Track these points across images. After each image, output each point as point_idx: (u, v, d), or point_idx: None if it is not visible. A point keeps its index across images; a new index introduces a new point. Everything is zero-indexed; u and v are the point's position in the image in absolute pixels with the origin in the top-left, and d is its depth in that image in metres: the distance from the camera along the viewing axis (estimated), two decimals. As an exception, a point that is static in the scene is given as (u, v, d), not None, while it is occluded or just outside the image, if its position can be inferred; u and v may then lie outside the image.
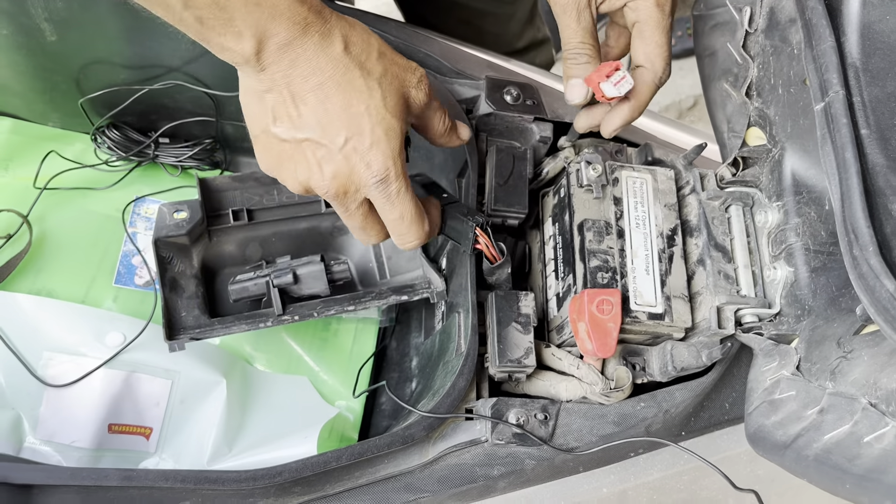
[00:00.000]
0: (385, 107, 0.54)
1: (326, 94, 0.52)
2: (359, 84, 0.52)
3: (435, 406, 0.62)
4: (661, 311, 0.65)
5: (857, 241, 0.43)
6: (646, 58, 0.63)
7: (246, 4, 0.47)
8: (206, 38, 0.50)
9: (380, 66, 0.54)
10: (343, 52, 0.52)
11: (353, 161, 0.54)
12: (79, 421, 0.73)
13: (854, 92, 0.47)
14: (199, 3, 0.47)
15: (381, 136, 0.53)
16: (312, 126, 0.53)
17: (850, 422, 0.46)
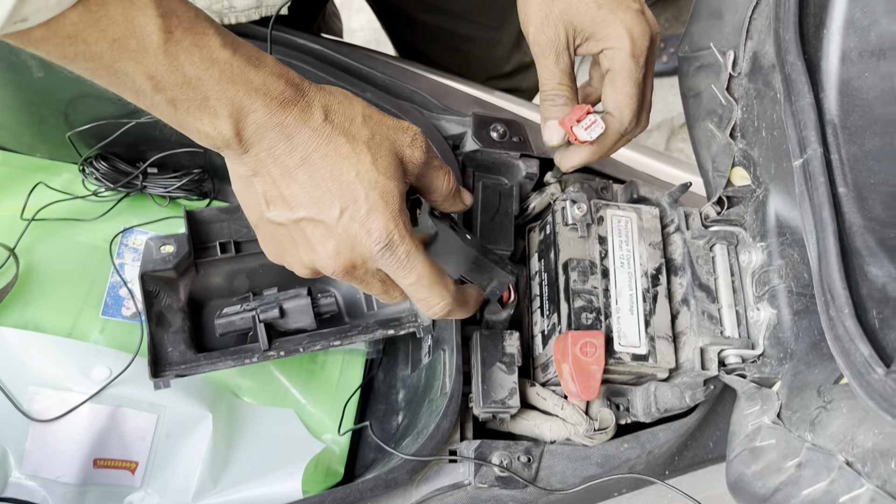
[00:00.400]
0: (376, 169, 0.51)
1: (314, 168, 0.50)
2: (345, 150, 0.51)
3: (419, 448, 0.62)
4: (645, 353, 0.65)
5: (834, 301, 0.44)
6: (615, 106, 0.62)
7: (219, 82, 0.46)
8: (182, 123, 0.48)
9: (366, 130, 0.52)
10: (324, 122, 0.51)
11: (353, 231, 0.51)
12: (64, 456, 0.73)
13: (832, 149, 0.47)
14: (168, 84, 0.45)
15: (377, 199, 0.51)
16: (305, 203, 0.51)
17: (826, 479, 0.46)
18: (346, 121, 0.52)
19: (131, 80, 0.45)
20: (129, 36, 0.43)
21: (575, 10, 0.59)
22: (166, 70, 0.45)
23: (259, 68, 0.48)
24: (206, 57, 0.46)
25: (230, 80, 0.47)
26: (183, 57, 0.45)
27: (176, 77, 0.45)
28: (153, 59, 0.44)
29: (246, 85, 0.47)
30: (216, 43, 0.46)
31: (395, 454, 0.63)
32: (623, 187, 0.75)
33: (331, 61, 0.75)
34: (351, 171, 0.51)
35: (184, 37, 0.45)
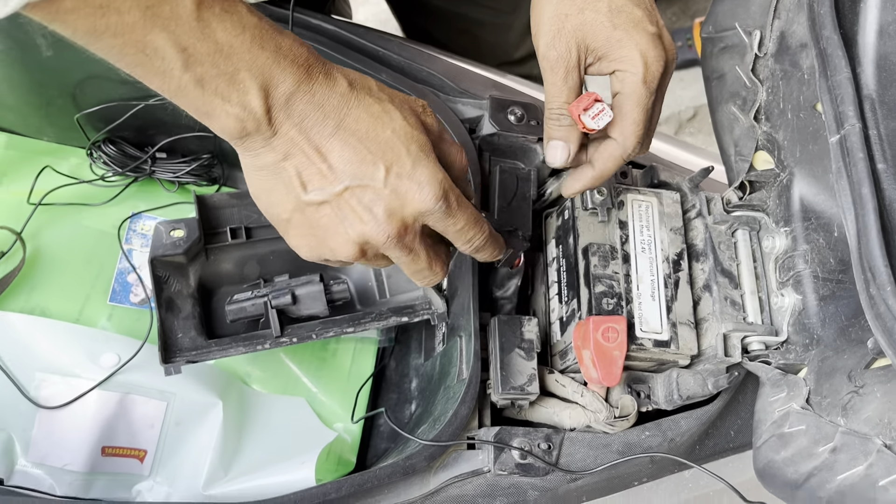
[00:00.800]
0: (409, 124, 0.51)
1: (349, 132, 0.49)
2: (376, 110, 0.50)
3: (437, 434, 0.61)
4: (667, 339, 0.64)
5: (875, 280, 0.42)
6: (620, 133, 0.58)
7: (250, 48, 0.45)
8: (208, 108, 0.46)
9: (385, 94, 0.52)
10: (349, 87, 0.49)
11: (403, 188, 0.50)
12: (72, 443, 0.71)
13: (870, 125, 0.46)
14: (200, 55, 0.43)
15: (418, 152, 0.50)
16: (347, 171, 0.49)
17: (864, 463, 0.45)
18: (366, 86, 0.51)
19: (160, 56, 0.43)
20: (163, 1, 0.41)
21: (589, 27, 0.56)
22: (198, 38, 0.43)
23: (284, 34, 0.47)
24: (238, 22, 0.44)
25: (260, 46, 0.45)
26: (215, 23, 0.43)
27: (208, 45, 0.43)
28: (186, 26, 0.42)
29: (276, 50, 0.46)
30: (244, 9, 0.45)
31: (412, 440, 0.62)
32: (643, 172, 0.73)
33: (346, 42, 0.73)
34: (386, 128, 0.49)
35: (215, 2, 0.43)
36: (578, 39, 0.56)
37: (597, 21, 0.56)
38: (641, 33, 0.56)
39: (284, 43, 0.47)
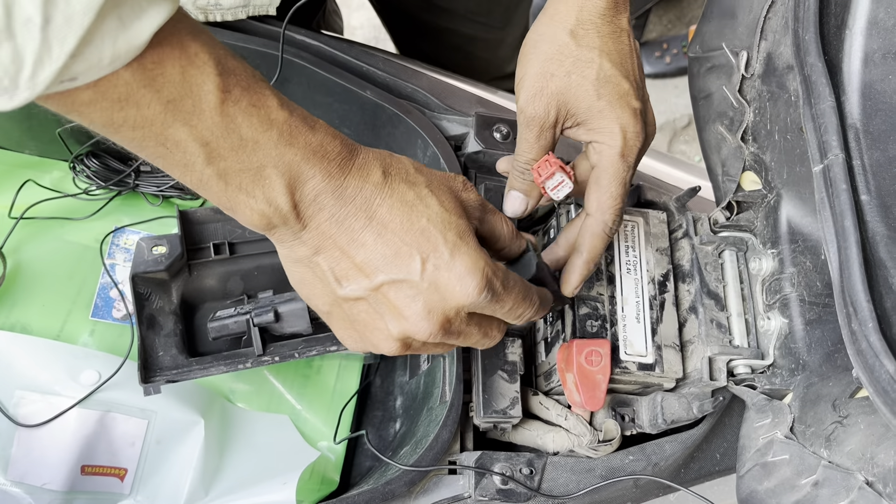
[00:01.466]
0: (446, 209, 0.48)
1: (382, 224, 0.46)
2: (410, 198, 0.47)
3: (417, 458, 0.60)
4: (652, 362, 0.63)
5: (857, 315, 0.42)
6: (597, 207, 0.57)
7: (277, 145, 0.42)
8: (233, 202, 0.44)
9: (422, 177, 0.49)
10: (383, 176, 0.47)
11: (442, 280, 0.47)
12: (51, 462, 0.71)
13: (854, 155, 0.45)
14: (223, 150, 0.42)
15: (457, 239, 0.47)
16: (382, 265, 0.46)
17: (845, 499, 0.44)
18: (402, 172, 0.48)
19: (181, 150, 0.41)
20: (185, 96, 0.40)
21: (573, 92, 0.55)
22: (222, 133, 0.41)
23: (315, 129, 0.45)
24: (265, 118, 0.42)
25: (288, 143, 0.43)
26: (241, 118, 0.42)
27: (232, 141, 0.42)
28: (209, 121, 0.41)
29: (305, 147, 0.44)
30: (274, 103, 0.43)
31: (392, 465, 0.61)
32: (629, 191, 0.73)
33: (330, 58, 0.72)
34: (422, 217, 0.47)
35: (242, 97, 0.41)
36: (560, 102, 0.55)
37: (582, 87, 0.55)
38: (625, 107, 0.55)
39: (315, 138, 0.44)
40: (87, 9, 0.33)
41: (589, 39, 0.54)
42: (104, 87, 0.37)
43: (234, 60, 0.42)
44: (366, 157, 0.47)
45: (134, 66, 0.37)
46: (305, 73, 0.71)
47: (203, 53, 0.40)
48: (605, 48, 0.54)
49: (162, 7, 0.37)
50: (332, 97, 0.73)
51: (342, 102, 0.73)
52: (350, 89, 0.70)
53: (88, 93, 0.37)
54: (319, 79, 0.70)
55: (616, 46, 0.55)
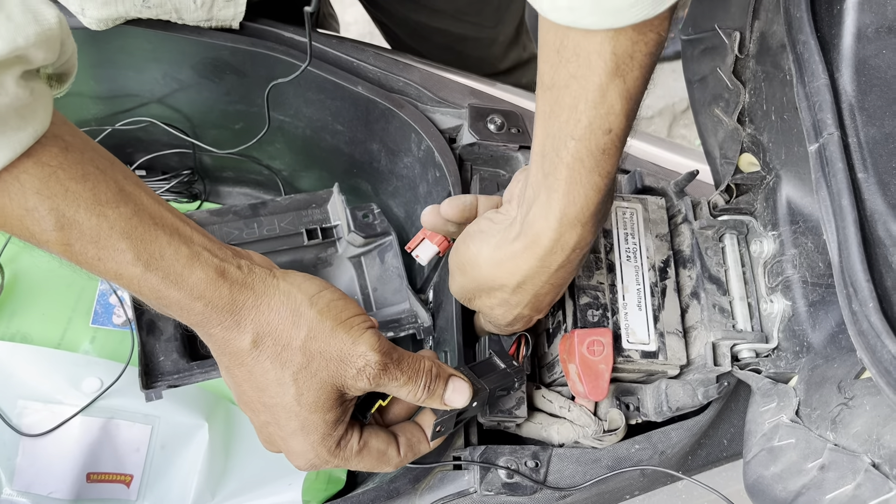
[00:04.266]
0: (298, 403, 0.49)
1: (238, 381, 0.50)
2: (269, 379, 0.49)
3: (421, 456, 0.59)
4: (655, 349, 0.62)
5: (857, 295, 0.41)
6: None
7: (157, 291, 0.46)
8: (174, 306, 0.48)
9: (299, 357, 0.48)
10: (251, 347, 0.48)
11: (280, 444, 0.52)
12: (56, 471, 0.71)
13: (850, 132, 0.44)
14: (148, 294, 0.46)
15: (297, 429, 0.50)
16: (252, 417, 0.53)
17: (852, 482, 0.43)
18: (277, 346, 0.48)
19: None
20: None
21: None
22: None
23: (180, 286, 0.46)
24: (112, 272, 0.45)
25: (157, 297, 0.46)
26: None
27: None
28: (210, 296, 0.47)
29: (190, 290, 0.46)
30: (128, 258, 0.45)
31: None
32: (627, 177, 0.72)
33: (319, 55, 0.72)
34: (272, 398, 0.49)
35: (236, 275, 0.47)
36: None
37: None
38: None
39: (198, 308, 0.47)
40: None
41: (523, 296, 0.57)
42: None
43: (82, 214, 0.44)
44: (239, 319, 0.48)
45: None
46: (296, 70, 0.70)
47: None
48: (534, 303, 0.58)
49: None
50: (323, 94, 0.72)
51: (334, 99, 0.72)
52: (341, 85, 0.69)
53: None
54: (309, 75, 0.70)
55: (546, 300, 0.59)
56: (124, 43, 0.69)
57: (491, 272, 0.55)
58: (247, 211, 0.77)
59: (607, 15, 0.41)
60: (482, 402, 0.58)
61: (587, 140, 0.46)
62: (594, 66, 0.44)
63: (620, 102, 0.45)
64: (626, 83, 0.45)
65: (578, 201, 0.49)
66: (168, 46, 0.70)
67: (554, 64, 0.45)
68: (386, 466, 0.55)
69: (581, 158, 0.47)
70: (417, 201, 0.77)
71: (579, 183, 0.48)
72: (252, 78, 0.73)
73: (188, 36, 0.69)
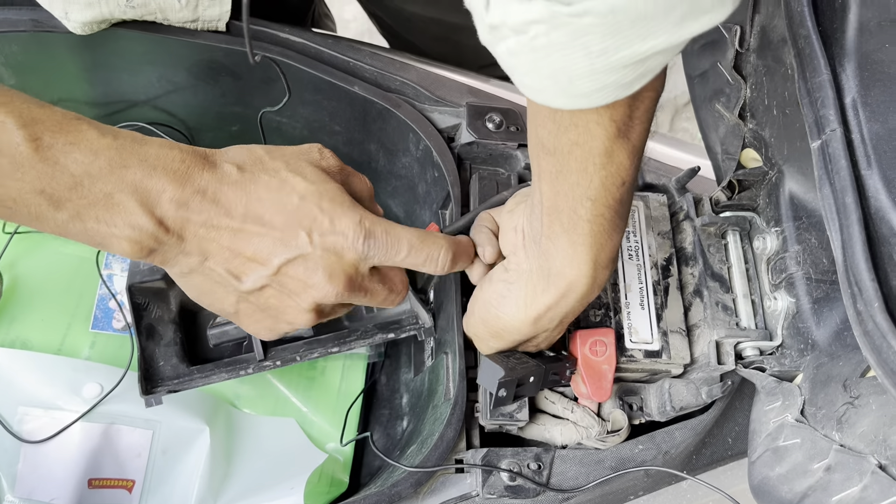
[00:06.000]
0: (311, 182, 0.49)
1: (258, 215, 0.48)
2: (274, 184, 0.48)
3: (423, 458, 0.59)
4: (658, 348, 0.62)
5: (861, 295, 0.40)
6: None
7: (112, 170, 0.43)
8: (101, 239, 0.45)
9: (278, 161, 0.50)
10: (239, 172, 0.48)
11: (330, 243, 0.49)
12: (58, 477, 0.70)
13: (853, 128, 0.43)
14: (61, 192, 0.42)
15: (330, 204, 0.49)
16: (273, 250, 0.48)
17: (858, 484, 0.43)
18: (256, 163, 0.49)
19: (24, 205, 0.42)
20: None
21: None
22: (52, 177, 0.42)
23: (147, 144, 0.45)
24: (87, 149, 0.43)
25: (121, 164, 0.43)
26: (62, 158, 0.42)
27: (65, 181, 0.42)
28: (34, 171, 0.41)
29: (141, 163, 0.44)
30: (93, 135, 0.43)
31: (398, 466, 0.60)
32: (628, 174, 0.71)
33: (315, 55, 0.71)
34: (292, 197, 0.49)
35: (55, 139, 0.42)
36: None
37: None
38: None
39: (150, 152, 0.45)
40: None
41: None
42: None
43: (38, 109, 0.42)
44: (215, 158, 0.48)
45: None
46: (291, 70, 0.69)
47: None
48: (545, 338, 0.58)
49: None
50: (320, 94, 0.71)
51: (330, 99, 0.72)
52: (337, 85, 0.69)
53: None
54: (305, 76, 0.69)
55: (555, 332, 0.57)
56: (118, 46, 0.69)
57: (531, 328, 0.55)
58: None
59: (576, 98, 0.40)
60: (538, 380, 0.58)
61: (603, 198, 0.47)
62: (595, 134, 0.44)
63: (629, 159, 0.46)
64: (631, 140, 0.45)
65: (607, 247, 0.50)
66: (162, 49, 0.69)
67: (552, 131, 0.46)
68: (433, 239, 0.53)
69: (601, 213, 0.48)
70: (416, 201, 0.76)
71: (604, 232, 0.49)
72: (247, 80, 0.72)
73: (182, 38, 0.68)
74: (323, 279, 0.49)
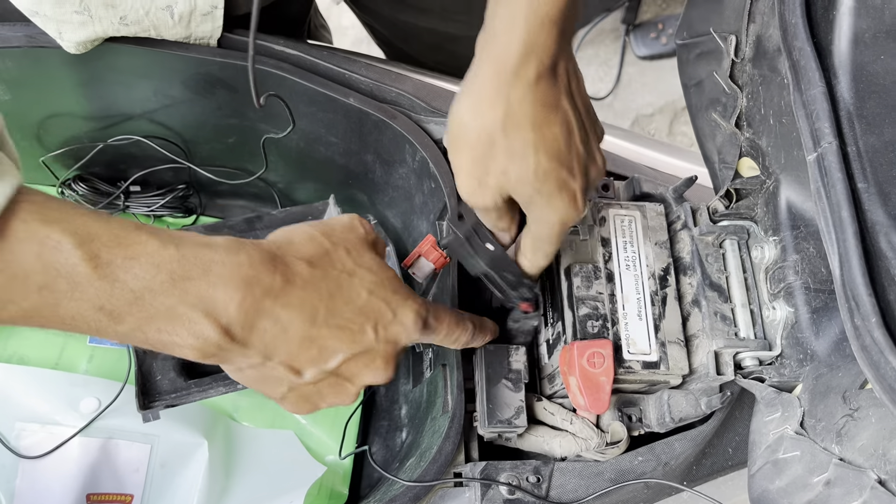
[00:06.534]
0: (372, 271, 0.50)
1: (329, 314, 0.47)
2: (344, 281, 0.48)
3: (422, 472, 0.59)
4: (657, 359, 0.61)
5: (859, 309, 0.40)
6: (531, 263, 0.59)
7: (174, 284, 0.41)
8: (164, 345, 0.43)
9: (340, 248, 0.49)
10: (310, 269, 0.47)
11: (392, 335, 0.50)
12: (56, 492, 0.70)
13: (849, 141, 0.43)
14: (122, 309, 0.40)
15: (392, 295, 0.50)
16: (340, 348, 0.48)
17: (858, 499, 0.42)
18: (324, 257, 0.48)
19: (84, 321, 0.40)
20: (55, 277, 0.38)
21: (512, 186, 0.51)
22: (110, 294, 0.40)
23: (211, 248, 0.43)
24: (147, 263, 0.41)
25: (184, 276, 0.41)
26: (121, 274, 0.40)
27: (125, 296, 0.40)
28: (92, 290, 0.39)
29: (205, 273, 0.42)
30: (153, 246, 0.41)
31: (396, 481, 0.60)
32: (625, 184, 0.71)
33: (310, 68, 0.71)
34: (361, 291, 0.49)
35: (113, 255, 0.40)
36: (502, 192, 0.52)
37: (520, 182, 0.51)
38: (564, 197, 0.52)
39: (215, 259, 0.43)
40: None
41: (522, 133, 0.48)
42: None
43: (94, 222, 0.40)
44: (285, 257, 0.46)
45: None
46: (286, 83, 0.69)
47: (54, 233, 0.38)
48: (539, 140, 0.49)
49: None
50: (315, 106, 0.71)
51: (326, 111, 0.72)
52: (332, 97, 0.69)
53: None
54: (300, 88, 0.69)
55: (551, 132, 0.49)
56: (113, 61, 0.69)
57: (476, 122, 0.49)
58: (242, 225, 0.76)
59: None
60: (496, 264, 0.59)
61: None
62: None
63: None
64: None
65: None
66: (157, 63, 0.69)
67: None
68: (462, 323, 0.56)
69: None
70: (413, 211, 0.76)
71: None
72: (243, 92, 0.72)
73: (176, 52, 0.68)
74: (380, 367, 0.50)
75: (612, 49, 1.93)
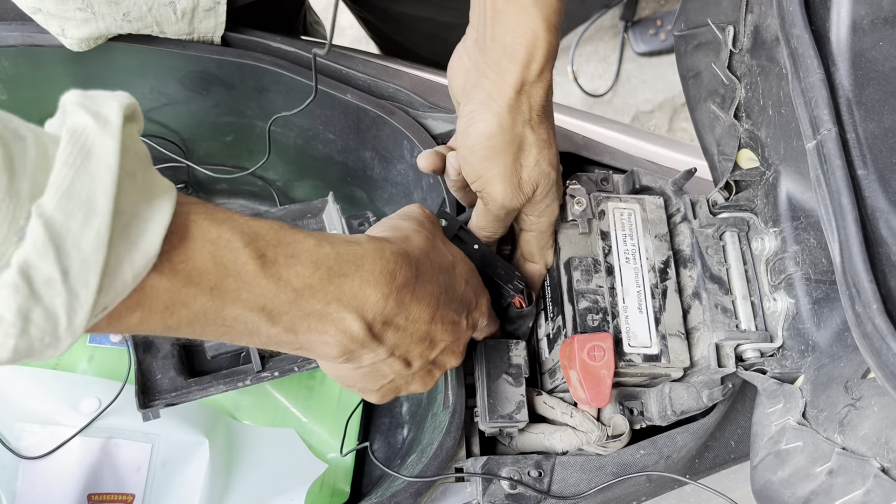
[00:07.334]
0: (462, 261, 0.54)
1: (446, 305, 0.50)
2: (449, 270, 0.52)
3: (423, 468, 0.58)
4: (657, 352, 0.61)
5: (860, 296, 0.40)
6: (540, 257, 0.64)
7: (331, 280, 0.43)
8: (308, 346, 0.45)
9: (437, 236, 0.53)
10: (428, 261, 0.50)
11: (474, 322, 0.55)
12: (57, 493, 0.70)
13: (848, 128, 0.43)
14: (282, 308, 0.41)
15: (477, 285, 0.55)
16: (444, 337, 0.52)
17: (861, 488, 0.42)
18: (433, 250, 0.51)
19: (242, 323, 0.41)
20: (225, 277, 0.39)
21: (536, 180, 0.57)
22: (274, 294, 0.41)
23: (358, 244, 0.45)
24: (308, 261, 0.42)
25: (340, 273, 0.43)
26: (284, 273, 0.41)
27: (287, 296, 0.41)
28: (258, 289, 0.40)
29: (358, 270, 0.44)
30: (310, 244, 0.43)
31: (398, 477, 0.59)
32: (624, 177, 0.71)
33: (307, 64, 0.71)
34: (460, 282, 0.53)
35: (276, 253, 0.41)
36: (531, 189, 0.57)
37: (542, 176, 0.56)
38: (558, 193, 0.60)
39: (365, 255, 0.45)
40: (97, 247, 0.33)
41: (546, 122, 0.54)
42: (148, 303, 0.37)
43: (254, 222, 0.41)
44: (410, 253, 0.48)
45: (166, 272, 0.37)
46: (283, 80, 0.69)
47: (225, 232, 0.39)
48: (549, 136, 0.55)
49: (162, 211, 0.36)
50: (313, 103, 0.71)
51: (323, 108, 0.71)
52: (329, 94, 0.68)
53: (136, 315, 0.37)
54: (297, 85, 0.69)
55: (552, 133, 0.56)
56: (110, 59, 0.69)
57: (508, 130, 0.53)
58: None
59: None
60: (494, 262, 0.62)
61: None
62: None
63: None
64: None
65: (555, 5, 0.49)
66: (153, 61, 0.69)
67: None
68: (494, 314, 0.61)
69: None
70: (412, 208, 0.76)
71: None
72: (240, 90, 0.72)
73: (173, 49, 0.68)
74: (461, 353, 0.55)
75: (610, 46, 1.92)
